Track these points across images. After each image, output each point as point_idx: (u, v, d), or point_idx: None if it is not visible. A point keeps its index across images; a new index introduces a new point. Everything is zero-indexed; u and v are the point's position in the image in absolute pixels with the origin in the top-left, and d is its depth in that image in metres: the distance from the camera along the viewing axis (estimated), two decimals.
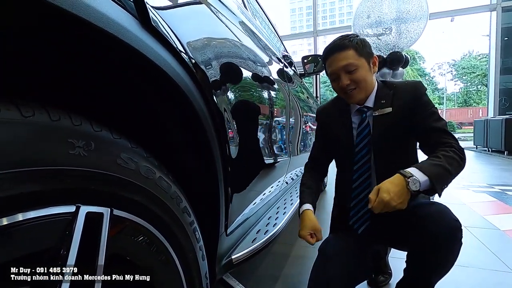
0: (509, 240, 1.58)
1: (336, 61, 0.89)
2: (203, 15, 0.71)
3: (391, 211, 0.74)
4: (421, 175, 0.73)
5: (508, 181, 3.08)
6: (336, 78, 0.92)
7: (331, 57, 0.91)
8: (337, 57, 0.89)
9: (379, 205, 0.73)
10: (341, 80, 0.89)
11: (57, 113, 0.34)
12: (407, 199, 0.74)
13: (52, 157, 0.32)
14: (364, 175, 0.92)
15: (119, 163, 0.40)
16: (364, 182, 0.93)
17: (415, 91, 0.88)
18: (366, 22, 4.88)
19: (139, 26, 0.41)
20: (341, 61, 0.88)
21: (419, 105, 0.87)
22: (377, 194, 0.74)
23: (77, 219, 0.34)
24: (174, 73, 0.47)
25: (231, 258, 0.81)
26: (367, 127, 0.92)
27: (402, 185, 0.73)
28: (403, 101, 0.88)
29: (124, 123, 0.52)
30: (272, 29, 1.91)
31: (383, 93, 0.92)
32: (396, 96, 0.90)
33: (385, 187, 0.73)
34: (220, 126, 0.62)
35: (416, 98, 0.87)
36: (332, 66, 0.91)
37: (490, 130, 5.62)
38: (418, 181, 0.72)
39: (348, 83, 0.89)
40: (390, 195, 0.72)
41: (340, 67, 0.89)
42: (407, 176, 0.73)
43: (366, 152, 0.92)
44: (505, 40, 6.87)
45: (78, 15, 0.31)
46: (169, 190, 0.51)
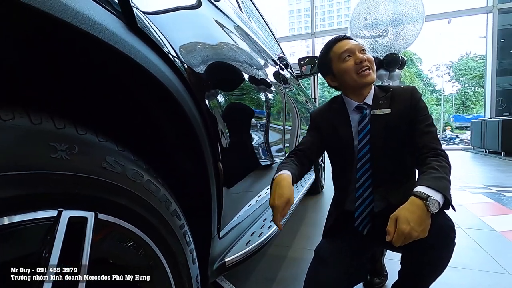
0: (505, 242, 1.58)
1: (350, 43, 0.92)
2: (194, 17, 0.71)
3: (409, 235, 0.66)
4: (435, 193, 0.67)
5: (505, 182, 3.09)
6: (348, 56, 0.92)
7: (342, 41, 0.94)
8: (350, 41, 0.93)
9: (399, 238, 0.65)
10: (358, 56, 0.90)
11: (39, 116, 0.34)
12: (428, 225, 0.67)
13: (33, 161, 0.32)
14: (367, 173, 0.91)
15: (104, 167, 0.39)
16: (367, 180, 0.92)
17: (412, 95, 0.89)
18: (363, 23, 4.90)
19: (125, 28, 0.41)
20: (355, 44, 0.92)
21: (416, 109, 0.88)
22: (395, 225, 0.67)
23: (59, 224, 0.33)
24: (162, 75, 0.46)
25: (224, 261, 0.80)
26: (368, 125, 0.91)
27: (421, 209, 0.66)
28: (401, 104, 0.89)
29: (113, 126, 0.52)
30: (268, 31, 1.91)
31: (380, 94, 0.93)
32: (394, 99, 0.91)
33: (403, 217, 0.66)
34: (212, 128, 0.62)
35: (413, 102, 0.88)
36: (347, 45, 0.92)
37: (487, 131, 5.64)
38: (437, 201, 0.66)
39: (365, 58, 0.90)
40: (410, 225, 0.65)
41: (356, 46, 0.91)
42: (424, 198, 0.66)
43: (367, 150, 0.91)
44: (501, 42, 6.92)
45: (59, 17, 0.31)
46: (157, 194, 0.50)
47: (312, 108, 2.33)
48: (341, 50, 0.92)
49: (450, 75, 32.40)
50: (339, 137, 0.96)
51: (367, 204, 0.91)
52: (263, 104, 1.05)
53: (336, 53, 0.93)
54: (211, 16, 0.80)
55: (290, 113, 1.46)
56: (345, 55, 0.91)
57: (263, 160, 1.05)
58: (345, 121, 0.96)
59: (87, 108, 0.47)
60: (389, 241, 0.67)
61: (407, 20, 4.59)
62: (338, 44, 0.93)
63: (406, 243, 0.67)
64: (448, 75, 32.84)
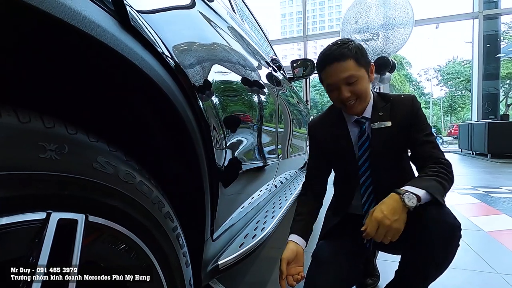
0: (493, 241, 1.61)
1: (336, 72, 0.82)
2: (189, 17, 0.71)
3: (391, 236, 0.71)
4: (416, 189, 0.73)
5: (492, 184, 3.17)
6: (334, 89, 0.86)
7: (329, 67, 0.84)
8: (337, 68, 0.82)
9: (372, 224, 0.71)
10: (342, 92, 0.84)
11: (27, 115, 0.32)
12: (403, 217, 0.71)
13: (21, 161, 0.30)
14: (370, 187, 0.92)
15: (95, 167, 0.38)
16: (371, 194, 0.92)
17: (413, 105, 0.88)
18: (354, 27, 4.97)
19: (118, 25, 0.40)
20: (342, 72, 0.82)
21: (416, 118, 0.87)
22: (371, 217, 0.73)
23: (48, 226, 0.32)
24: (155, 74, 0.45)
25: (218, 264, 0.79)
26: (368, 140, 0.90)
27: (396, 202, 0.72)
28: (401, 115, 0.88)
29: (105, 126, 0.50)
30: (261, 33, 1.91)
31: (380, 105, 0.91)
32: (394, 110, 0.89)
33: (378, 207, 0.72)
34: (205, 129, 0.61)
35: (413, 112, 0.87)
36: (331, 77, 0.84)
37: (474, 134, 5.79)
38: (414, 195, 0.71)
39: (349, 95, 0.84)
40: (384, 213, 0.70)
41: (340, 80, 0.83)
42: (401, 193, 0.72)
43: (368, 164, 0.91)
44: (487, 47, 7.13)
45: (50, 12, 0.30)
46: (150, 195, 0.49)
47: (304, 111, 2.34)
48: (327, 81, 0.87)
49: (438, 79, 33.20)
50: (340, 150, 0.95)
51: None
52: (256, 105, 1.04)
53: (324, 80, 0.88)
54: (205, 16, 0.80)
55: (282, 115, 1.46)
56: (330, 87, 0.87)
57: (256, 162, 1.04)
58: (345, 134, 0.94)
59: (78, 107, 0.46)
60: (363, 230, 0.73)
61: (397, 24, 4.68)
62: (326, 70, 0.85)
63: (383, 239, 0.71)
64: (436, 79, 33.66)
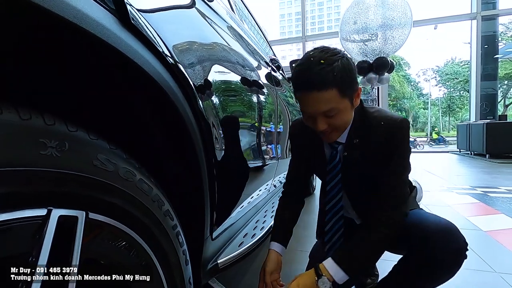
0: (491, 241, 1.61)
1: (314, 103, 0.69)
2: (189, 16, 0.71)
3: None
4: (336, 269, 0.75)
5: (490, 184, 3.18)
6: (310, 117, 0.74)
7: (306, 94, 0.69)
8: (316, 98, 0.67)
9: None
10: (317, 124, 0.72)
11: (28, 112, 0.33)
12: None
13: (21, 158, 0.31)
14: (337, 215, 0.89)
15: (95, 165, 0.38)
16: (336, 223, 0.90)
17: (393, 137, 0.75)
18: (352, 28, 4.98)
19: (118, 24, 0.40)
20: (321, 104, 0.68)
21: (392, 151, 0.76)
22: None
23: (49, 223, 0.32)
24: (155, 72, 0.46)
25: (217, 263, 0.79)
26: (338, 165, 0.85)
27: (311, 282, 0.76)
28: (377, 143, 0.77)
29: (106, 124, 0.50)
30: (260, 33, 1.92)
31: (358, 131, 0.80)
32: (371, 137, 0.78)
33: (296, 280, 0.77)
34: (205, 128, 0.61)
35: (391, 141, 0.76)
36: (308, 107, 0.71)
37: (472, 134, 5.81)
38: (329, 282, 0.75)
39: (325, 128, 0.73)
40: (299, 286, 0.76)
41: (318, 112, 0.70)
42: (319, 274, 0.76)
43: (337, 190, 0.87)
44: (485, 47, 7.15)
45: (50, 9, 0.30)
46: (150, 193, 0.49)
47: None
48: (302, 107, 0.74)
49: (437, 79, 33.33)
50: (314, 163, 0.94)
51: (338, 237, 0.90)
52: (257, 106, 1.05)
53: (299, 103, 0.75)
54: (204, 16, 0.80)
55: (282, 115, 1.47)
56: (305, 114, 0.76)
57: (255, 162, 1.05)
58: (319, 152, 0.90)
59: (78, 105, 0.46)
60: None
61: (395, 25, 4.70)
62: (303, 96, 0.71)
63: None
64: (434, 80, 33.79)
